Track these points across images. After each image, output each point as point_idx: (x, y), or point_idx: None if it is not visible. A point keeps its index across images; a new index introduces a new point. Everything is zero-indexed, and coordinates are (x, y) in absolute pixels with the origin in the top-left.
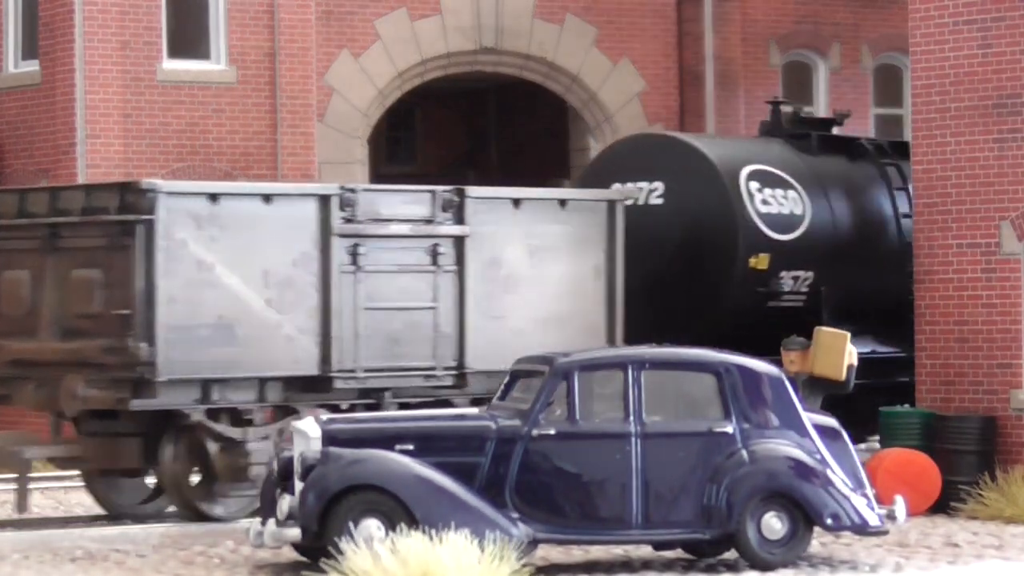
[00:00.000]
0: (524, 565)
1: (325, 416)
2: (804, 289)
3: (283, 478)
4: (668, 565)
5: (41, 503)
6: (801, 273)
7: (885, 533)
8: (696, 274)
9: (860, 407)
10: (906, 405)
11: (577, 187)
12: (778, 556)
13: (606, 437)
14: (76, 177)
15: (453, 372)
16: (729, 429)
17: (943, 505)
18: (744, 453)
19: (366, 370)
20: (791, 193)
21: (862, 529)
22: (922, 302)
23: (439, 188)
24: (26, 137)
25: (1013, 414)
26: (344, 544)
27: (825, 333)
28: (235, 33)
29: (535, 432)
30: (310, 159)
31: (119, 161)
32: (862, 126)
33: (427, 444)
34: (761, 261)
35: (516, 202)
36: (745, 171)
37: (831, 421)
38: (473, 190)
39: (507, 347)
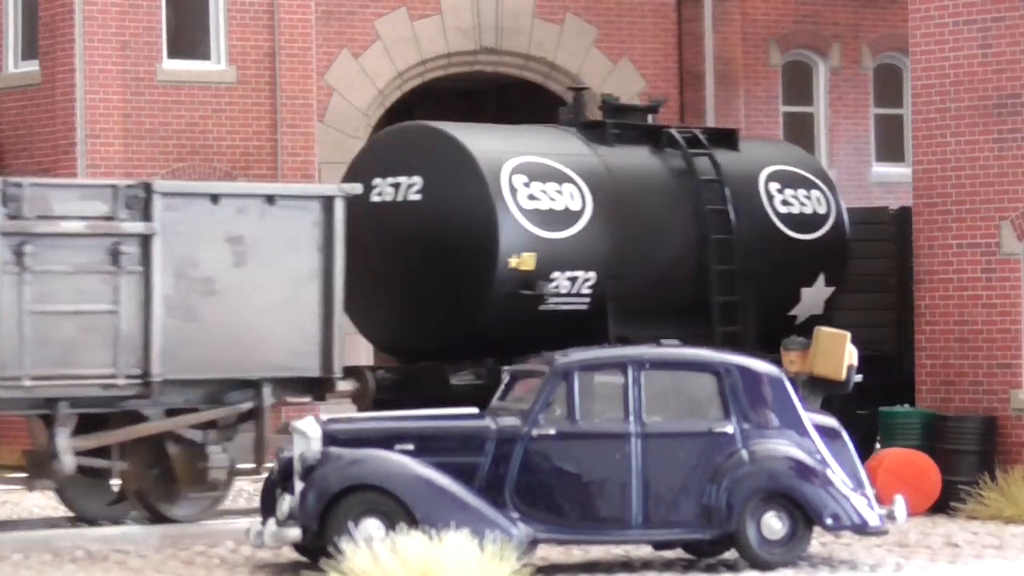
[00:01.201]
0: (524, 565)
1: (325, 416)
2: (586, 291)
3: (283, 478)
4: (668, 565)
5: (41, 503)
6: (580, 274)
7: (885, 533)
8: (454, 276)
9: None
10: (906, 405)
11: (344, 183)
12: (778, 556)
13: (606, 437)
14: (76, 177)
15: (137, 381)
16: (729, 429)
17: (943, 505)
18: (744, 453)
19: (34, 378)
20: (568, 187)
21: (862, 529)
22: (922, 302)
23: (122, 182)
24: (26, 137)
25: (1013, 414)
26: (344, 544)
27: (825, 333)
28: (235, 33)
29: (535, 432)
30: (310, 159)
31: (119, 161)
32: (862, 126)
33: (427, 444)
34: (525, 261)
35: (214, 198)
36: (511, 164)
37: (831, 421)
38: (161, 184)
39: (207, 355)
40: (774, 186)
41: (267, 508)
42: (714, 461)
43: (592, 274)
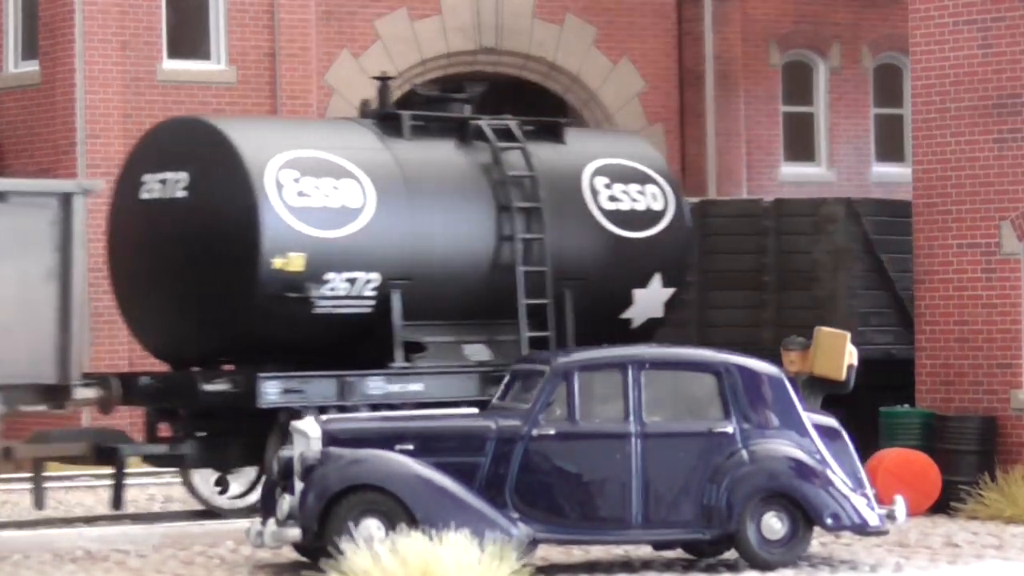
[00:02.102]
0: (524, 565)
1: (325, 416)
2: (369, 293)
3: (283, 478)
4: (668, 565)
5: None
6: (361, 275)
7: (885, 533)
8: (217, 277)
9: None
10: (906, 405)
11: (117, 181)
12: (778, 556)
13: (606, 437)
14: (76, 177)
15: None
16: (729, 429)
17: (943, 505)
18: (744, 453)
19: None
20: (347, 183)
21: (862, 529)
22: (922, 302)
23: None
24: (26, 137)
25: (1013, 414)
26: (344, 544)
27: (825, 333)
28: (235, 33)
29: (535, 432)
30: None
31: (119, 161)
32: (862, 126)
33: (427, 444)
34: (292, 262)
35: None
36: (280, 159)
37: (831, 421)
38: None
39: None
40: (601, 181)
41: (267, 508)
42: (714, 461)
43: (375, 275)
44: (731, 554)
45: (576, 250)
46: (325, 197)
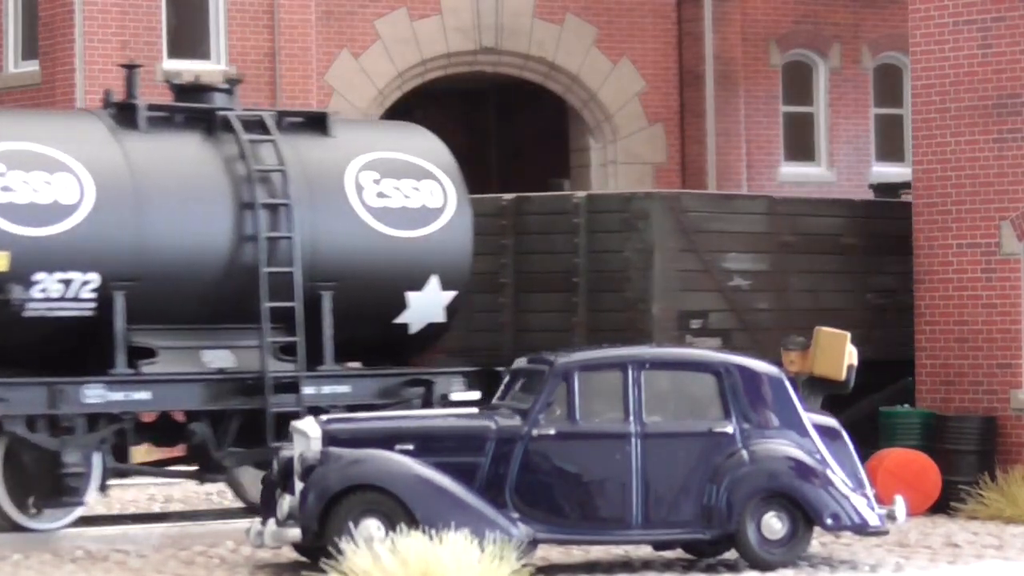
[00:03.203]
0: (524, 565)
1: (325, 416)
2: (88, 295)
3: (283, 478)
4: (668, 565)
5: None
6: (76, 275)
7: (885, 533)
8: None
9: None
10: (906, 405)
11: None
12: (778, 556)
13: (606, 437)
14: None
15: None
16: (729, 429)
17: (943, 505)
18: (744, 453)
19: None
20: (63, 177)
21: (862, 529)
22: (922, 302)
23: None
24: None
25: (1013, 414)
26: (344, 544)
27: (825, 333)
28: (235, 33)
29: (535, 432)
30: None
31: None
32: (862, 126)
33: (427, 444)
34: None
35: None
36: None
37: (831, 421)
38: None
39: None
40: (369, 176)
41: (267, 508)
42: (714, 461)
43: (94, 276)
44: (731, 554)
45: (335, 250)
46: (34, 192)
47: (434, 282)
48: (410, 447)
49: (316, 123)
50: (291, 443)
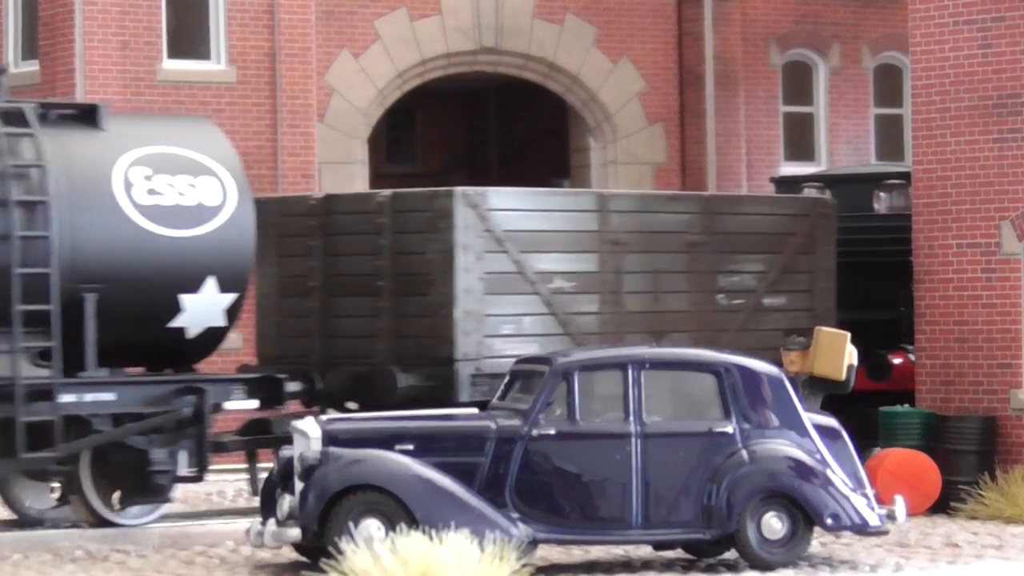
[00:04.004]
0: (524, 565)
1: (325, 416)
2: None
3: (283, 478)
4: (668, 565)
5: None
6: None
7: (885, 533)
8: None
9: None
10: (906, 405)
11: None
12: (778, 556)
13: (606, 437)
14: None
15: None
16: (729, 429)
17: (943, 505)
18: (744, 453)
19: None
20: None
21: (862, 529)
22: (922, 302)
23: None
24: None
25: (1013, 414)
26: (344, 544)
27: (825, 333)
28: (235, 33)
29: (535, 432)
30: (310, 159)
31: None
32: (862, 126)
33: (427, 444)
34: None
35: None
36: None
37: (831, 421)
38: None
39: None
40: (140, 173)
41: (267, 508)
42: (714, 461)
43: None
44: (731, 554)
45: (99, 250)
46: None
47: (211, 284)
48: (410, 447)
49: (87, 116)
50: (290, 443)
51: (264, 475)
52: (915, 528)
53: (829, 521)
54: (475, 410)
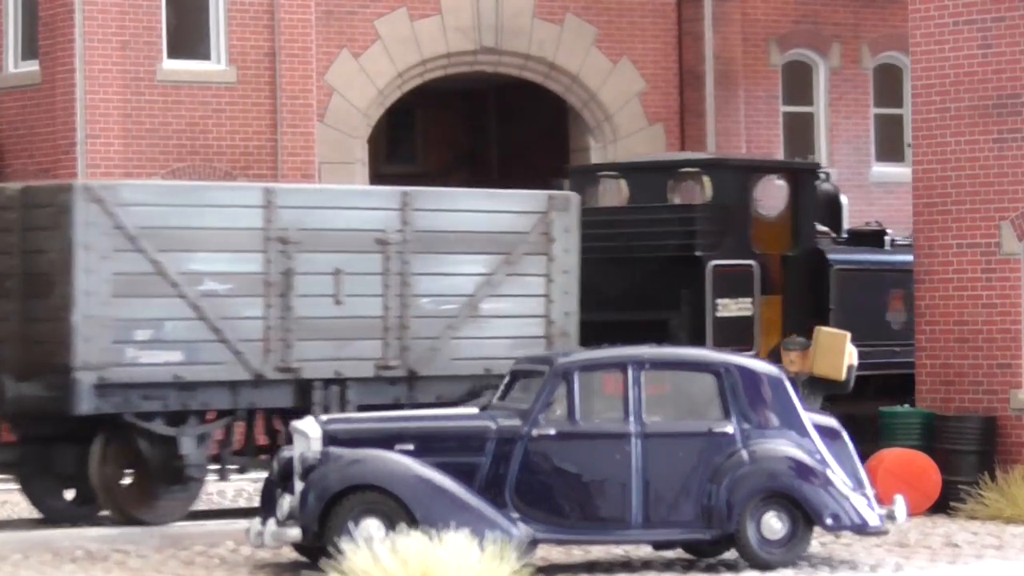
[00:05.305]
0: (524, 565)
1: (325, 416)
2: None
3: (283, 478)
4: (668, 565)
5: None
6: None
7: (885, 533)
8: None
9: None
10: (906, 405)
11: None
12: (778, 556)
13: (606, 437)
14: (76, 177)
15: None
16: (729, 429)
17: (943, 505)
18: (744, 453)
19: None
20: None
21: (862, 529)
22: (922, 302)
23: None
24: (26, 137)
25: (1013, 414)
26: (344, 544)
27: (825, 333)
28: (235, 33)
29: (535, 432)
30: (310, 159)
31: (119, 161)
32: (862, 126)
33: (427, 444)
34: None
35: None
36: None
37: (831, 421)
38: None
39: None
40: None
41: (267, 508)
42: (714, 461)
43: None
44: (731, 554)
45: None
46: None
47: None
48: (410, 447)
49: None
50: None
51: None
52: (915, 528)
53: (829, 521)
54: (475, 410)
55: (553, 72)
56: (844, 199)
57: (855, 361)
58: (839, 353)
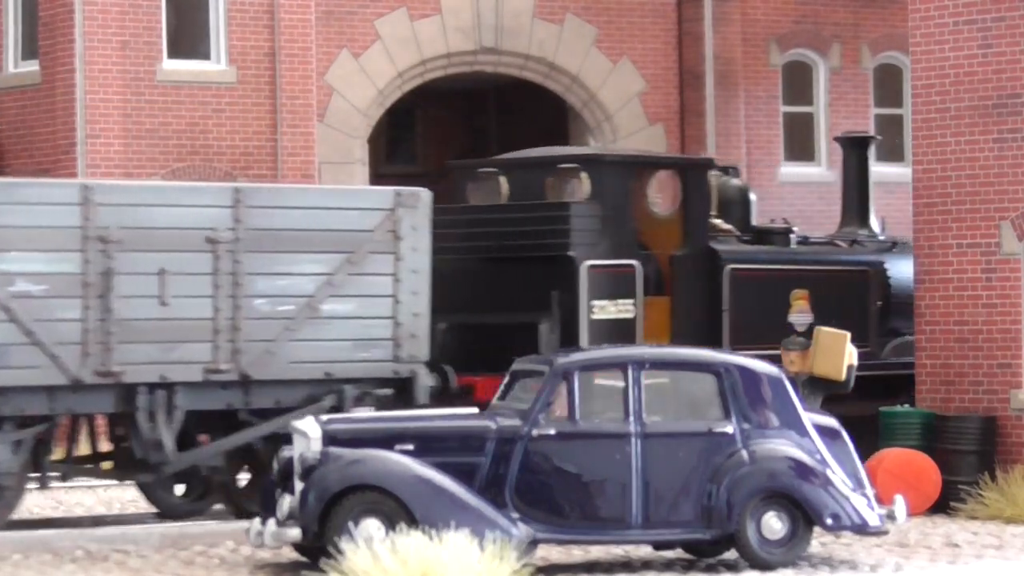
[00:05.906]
0: (524, 565)
1: (325, 416)
2: None
3: (283, 478)
4: (668, 565)
5: (41, 503)
6: None
7: (885, 533)
8: None
9: None
10: (906, 405)
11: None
12: (778, 556)
13: (606, 437)
14: (76, 177)
15: None
16: (729, 429)
17: (943, 505)
18: (744, 453)
19: None
20: None
21: (862, 529)
22: (922, 302)
23: None
24: (26, 137)
25: (1013, 414)
26: (344, 544)
27: (825, 333)
28: (235, 33)
29: (535, 432)
30: (310, 159)
31: (119, 161)
32: (862, 126)
33: (427, 444)
34: None
35: None
36: None
37: (831, 421)
38: None
39: None
40: None
41: (267, 508)
42: (714, 461)
43: None
44: (731, 554)
45: None
46: None
47: None
48: (410, 447)
49: None
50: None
51: None
52: (915, 528)
53: (829, 521)
54: (475, 409)
55: (553, 72)
56: (753, 196)
57: (855, 361)
58: (839, 353)
